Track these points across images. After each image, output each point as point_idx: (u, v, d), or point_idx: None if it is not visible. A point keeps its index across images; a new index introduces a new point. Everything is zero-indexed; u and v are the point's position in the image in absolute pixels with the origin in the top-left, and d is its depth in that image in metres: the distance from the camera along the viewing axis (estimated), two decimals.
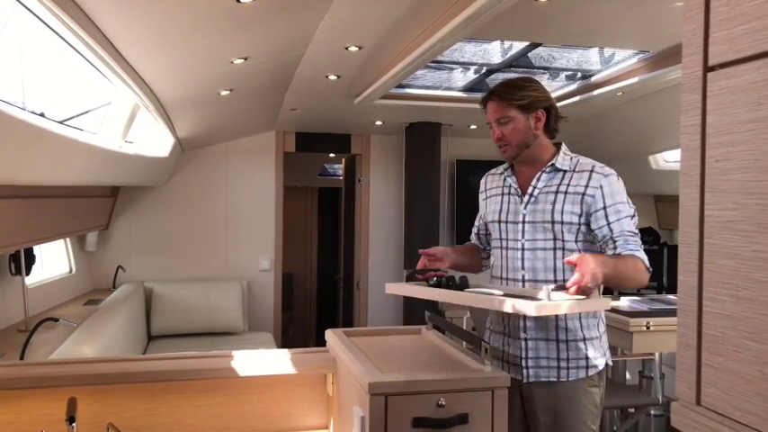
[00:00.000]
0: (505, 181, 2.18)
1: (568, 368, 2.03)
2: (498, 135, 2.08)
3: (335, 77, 3.65)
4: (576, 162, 2.06)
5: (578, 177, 2.02)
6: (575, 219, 2.01)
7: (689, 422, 0.73)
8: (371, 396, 1.59)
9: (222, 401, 2.00)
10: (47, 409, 1.82)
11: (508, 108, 2.05)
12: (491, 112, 2.09)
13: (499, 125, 2.07)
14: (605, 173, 2.02)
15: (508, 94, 2.06)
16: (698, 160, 0.73)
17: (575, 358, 2.03)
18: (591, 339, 2.04)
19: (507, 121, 2.05)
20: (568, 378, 2.02)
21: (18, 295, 3.59)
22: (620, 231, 1.96)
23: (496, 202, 2.19)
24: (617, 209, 1.98)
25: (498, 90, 2.09)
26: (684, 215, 0.75)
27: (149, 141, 4.18)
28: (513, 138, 2.06)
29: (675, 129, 4.05)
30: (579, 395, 2.02)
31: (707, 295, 0.72)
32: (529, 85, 2.09)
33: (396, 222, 5.98)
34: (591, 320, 2.06)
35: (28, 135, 2.18)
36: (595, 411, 2.04)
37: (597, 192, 1.98)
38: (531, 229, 2.06)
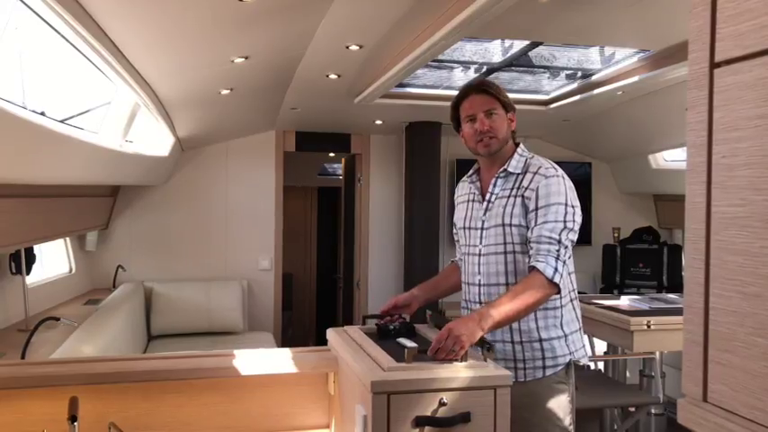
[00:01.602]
0: (473, 186, 2.21)
1: (525, 368, 2.05)
2: (487, 126, 2.07)
3: (336, 77, 3.65)
4: (527, 164, 2.09)
5: (526, 179, 2.06)
6: (522, 221, 2.04)
7: (695, 419, 0.73)
8: (374, 394, 1.59)
9: (224, 401, 2.00)
10: (48, 408, 1.81)
11: (496, 102, 2.08)
12: (479, 104, 2.09)
13: (487, 116, 2.07)
14: (547, 174, 2.02)
15: (493, 89, 2.11)
16: (704, 157, 0.73)
17: (531, 359, 2.05)
18: (549, 339, 2.05)
19: (495, 113, 2.07)
20: (525, 378, 2.05)
21: (18, 295, 3.59)
22: (538, 236, 1.95)
23: (463, 209, 2.23)
24: (546, 211, 1.97)
25: (485, 84, 2.13)
26: (691, 212, 0.75)
27: (149, 141, 4.17)
28: (499, 130, 2.08)
29: (675, 128, 4.08)
30: (541, 394, 2.04)
31: (714, 292, 0.72)
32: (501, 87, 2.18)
33: (395, 222, 5.98)
34: (549, 320, 2.05)
35: (28, 134, 2.17)
36: (562, 408, 2.05)
37: (533, 194, 2.01)
38: (487, 234, 2.10)
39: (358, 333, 2.08)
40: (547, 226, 1.95)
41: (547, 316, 2.06)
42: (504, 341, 2.07)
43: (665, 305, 3.37)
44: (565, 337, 2.08)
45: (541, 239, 1.94)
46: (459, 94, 2.19)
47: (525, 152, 2.14)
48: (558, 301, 2.05)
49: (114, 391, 1.91)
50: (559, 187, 1.99)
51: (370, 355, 1.81)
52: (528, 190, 2.03)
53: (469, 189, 2.22)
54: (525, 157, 2.12)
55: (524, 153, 2.13)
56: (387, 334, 2.04)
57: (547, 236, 1.93)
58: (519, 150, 2.14)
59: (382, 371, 1.66)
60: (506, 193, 2.09)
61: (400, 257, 5.83)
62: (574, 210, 1.98)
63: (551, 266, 1.90)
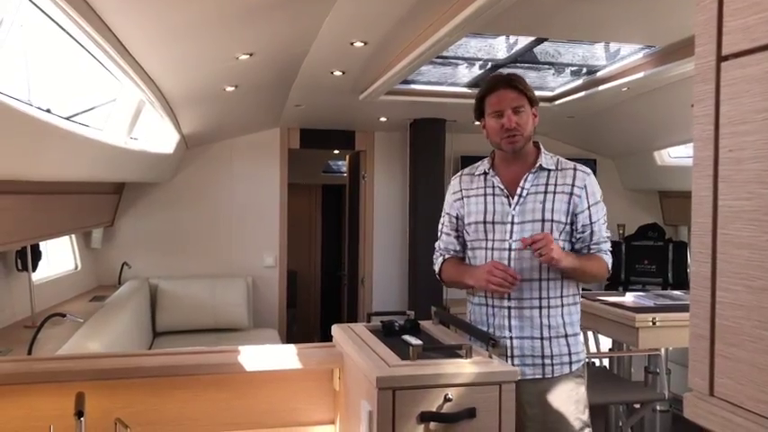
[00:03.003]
0: (488, 181, 2.16)
1: (553, 365, 2.06)
2: (514, 123, 2.04)
3: (340, 73, 3.65)
4: (557, 161, 2.12)
5: (563, 176, 2.08)
6: (563, 218, 2.06)
7: (702, 413, 0.73)
8: (379, 390, 1.59)
9: (229, 396, 2.00)
10: (55, 403, 1.82)
11: (524, 98, 2.06)
12: (507, 100, 2.05)
13: (515, 113, 2.05)
14: (587, 171, 2.10)
15: (522, 84, 2.07)
16: (711, 150, 0.73)
17: (558, 354, 2.07)
18: (574, 335, 2.10)
19: (522, 110, 2.05)
20: (553, 374, 2.06)
21: (24, 291, 3.60)
22: (598, 238, 2.09)
23: (480, 203, 2.16)
24: (597, 209, 2.08)
25: (514, 79, 2.09)
26: (697, 206, 0.75)
27: (154, 138, 4.18)
28: (525, 128, 2.06)
29: (681, 124, 4.06)
30: (566, 389, 2.06)
31: (720, 285, 0.71)
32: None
33: (400, 219, 5.97)
34: (573, 317, 2.12)
35: (34, 131, 2.18)
36: (583, 403, 2.08)
37: (583, 191, 2.06)
38: (520, 229, 2.07)
39: (363, 330, 2.09)
40: (602, 226, 2.11)
41: (571, 312, 2.11)
42: (532, 337, 2.07)
43: (671, 302, 3.36)
44: (580, 334, 2.15)
45: (601, 240, 2.10)
46: (487, 85, 2.14)
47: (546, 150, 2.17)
48: (577, 298, 2.15)
49: (120, 387, 1.91)
50: (597, 184, 2.12)
51: (376, 351, 1.81)
52: (576, 188, 2.06)
53: (484, 183, 2.17)
54: (550, 154, 2.14)
55: (547, 151, 2.15)
56: (392, 331, 2.04)
57: (605, 236, 2.12)
58: (543, 149, 2.15)
59: (388, 367, 1.66)
60: (541, 188, 2.08)
61: (405, 254, 5.83)
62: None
63: (611, 263, 2.12)
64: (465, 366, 1.70)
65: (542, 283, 2.07)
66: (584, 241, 2.10)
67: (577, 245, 2.11)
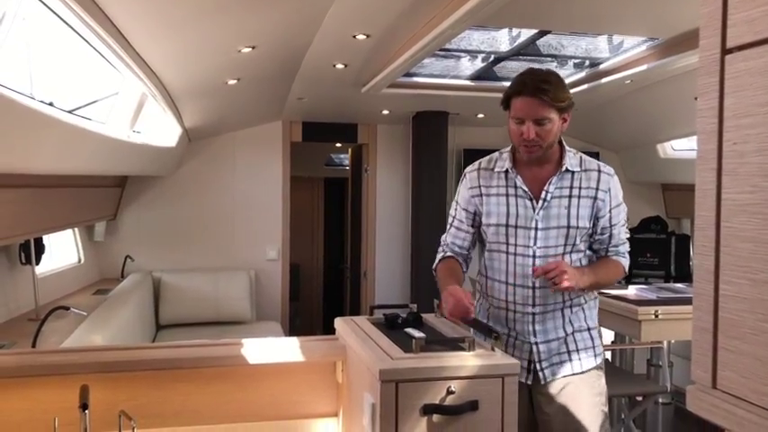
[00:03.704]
0: (509, 180, 2.05)
1: (580, 359, 2.05)
2: (533, 135, 1.90)
3: (343, 66, 3.64)
4: (580, 160, 2.03)
5: (587, 178, 2.00)
6: (587, 223, 2.00)
7: (704, 405, 0.73)
8: (382, 383, 1.59)
9: (233, 389, 2.01)
10: (59, 396, 1.83)
11: (550, 109, 1.88)
12: (530, 112, 1.89)
13: (536, 125, 1.90)
14: (610, 173, 2.04)
15: (551, 95, 1.87)
16: (715, 143, 0.73)
17: (584, 348, 2.06)
18: (595, 328, 2.10)
19: (546, 122, 1.90)
20: (582, 369, 2.05)
21: (28, 284, 3.61)
22: (617, 241, 2.06)
23: (502, 204, 2.04)
24: (618, 211, 2.04)
25: (542, 89, 1.88)
26: (701, 199, 0.75)
27: (157, 131, 4.18)
28: (546, 139, 1.92)
29: (684, 117, 4.05)
30: (590, 382, 2.06)
31: (723, 279, 0.71)
32: (564, 84, 1.97)
33: (403, 212, 5.97)
34: (593, 311, 2.12)
35: (37, 123, 2.18)
36: (605, 394, 2.08)
37: (606, 195, 2.00)
38: (544, 235, 1.99)
39: (366, 323, 2.09)
40: (622, 228, 2.07)
41: (591, 307, 2.11)
42: (558, 338, 2.04)
43: (673, 294, 3.36)
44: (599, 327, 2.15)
45: (620, 242, 2.07)
46: (514, 86, 1.94)
47: (567, 145, 2.05)
48: (596, 294, 2.16)
49: (125, 380, 1.92)
50: (619, 184, 2.07)
51: (379, 344, 1.81)
52: (600, 191, 1.99)
53: (505, 182, 2.05)
54: (573, 152, 2.03)
55: (571, 148, 2.04)
56: (395, 324, 2.04)
57: (624, 238, 2.08)
58: (565, 145, 2.03)
59: (391, 359, 1.66)
60: (566, 192, 1.99)
61: (407, 247, 5.84)
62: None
63: (628, 263, 2.10)
64: (468, 359, 1.70)
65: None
66: (603, 243, 2.06)
67: (595, 245, 2.08)
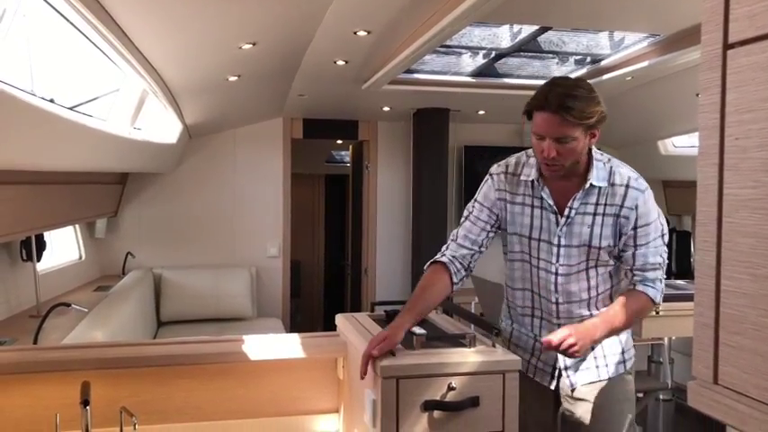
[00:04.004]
0: (535, 190, 1.93)
1: (607, 365, 1.96)
2: (553, 154, 1.76)
3: (343, 63, 3.64)
4: (609, 171, 1.85)
5: (613, 194, 1.84)
6: (611, 242, 1.87)
7: (706, 401, 0.73)
8: (383, 379, 1.60)
9: (234, 385, 2.01)
10: (61, 392, 1.83)
11: (575, 128, 1.72)
12: (549, 127, 1.74)
13: (557, 143, 1.75)
14: (641, 187, 1.84)
15: (580, 111, 1.71)
16: (717, 139, 0.73)
17: (611, 354, 1.96)
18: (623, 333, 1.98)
19: (569, 140, 1.74)
20: (609, 375, 1.96)
21: (29, 281, 3.62)
22: (643, 264, 1.85)
23: (526, 215, 1.93)
24: (646, 231, 1.83)
25: (568, 106, 1.70)
26: (702, 194, 0.74)
27: (158, 128, 4.18)
28: (568, 158, 1.78)
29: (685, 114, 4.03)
30: (618, 388, 1.97)
31: (725, 274, 0.71)
32: (594, 96, 1.77)
33: (403, 208, 5.98)
34: None
35: (38, 120, 2.18)
36: (631, 399, 1.99)
37: (632, 213, 1.83)
38: (566, 252, 1.89)
39: (367, 319, 2.09)
40: (652, 249, 1.84)
41: None
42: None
43: (674, 291, 3.35)
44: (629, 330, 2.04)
45: (647, 266, 1.85)
46: (536, 99, 1.77)
47: (599, 154, 1.87)
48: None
49: (126, 376, 1.93)
50: (653, 200, 1.84)
51: None
52: (624, 208, 1.82)
53: (531, 192, 1.93)
54: (603, 164, 1.86)
55: (599, 156, 1.87)
56: None
57: (653, 262, 1.85)
58: (594, 154, 1.85)
59: (391, 356, 1.66)
60: (590, 209, 1.85)
61: (408, 244, 5.84)
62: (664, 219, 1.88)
63: (660, 291, 1.87)
64: (468, 355, 1.70)
65: (591, 300, 1.94)
66: (627, 263, 1.88)
67: (623, 266, 1.92)
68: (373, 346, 1.66)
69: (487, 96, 4.67)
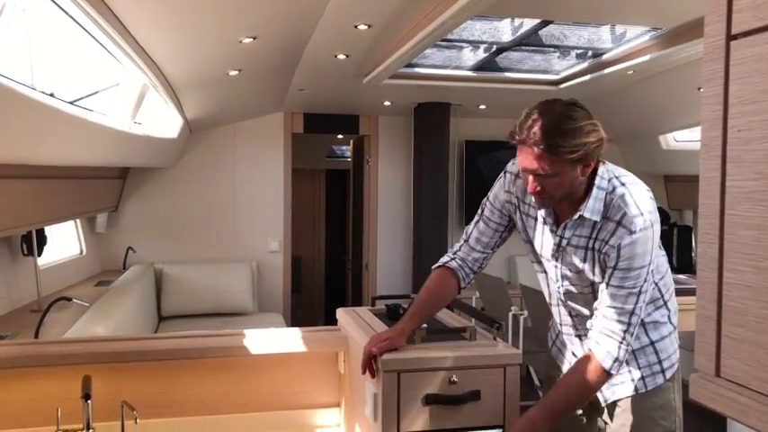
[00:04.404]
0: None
1: (643, 378, 1.78)
2: (538, 189, 1.63)
3: (344, 57, 3.63)
4: (608, 204, 1.64)
5: (605, 228, 1.65)
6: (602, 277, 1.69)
7: (708, 393, 0.73)
8: (384, 373, 1.60)
9: (235, 380, 2.01)
10: (62, 386, 1.84)
11: (557, 164, 1.57)
12: (528, 162, 1.60)
13: (541, 177, 1.61)
14: (634, 228, 1.59)
15: (561, 147, 1.55)
16: (719, 131, 0.72)
17: (646, 365, 1.78)
18: (661, 339, 1.80)
19: (553, 176, 1.59)
20: (646, 388, 1.78)
21: (30, 276, 3.62)
22: (606, 308, 1.64)
23: (533, 227, 1.83)
24: (625, 275, 1.61)
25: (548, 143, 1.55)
26: (705, 186, 0.74)
27: (158, 123, 4.18)
28: (556, 191, 1.63)
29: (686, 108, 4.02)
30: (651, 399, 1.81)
31: (727, 266, 0.71)
32: (584, 125, 1.57)
33: (404, 203, 5.97)
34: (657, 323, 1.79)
35: (38, 114, 2.18)
36: (668, 408, 1.81)
37: (614, 251, 1.62)
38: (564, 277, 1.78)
39: (368, 314, 2.09)
40: (621, 296, 1.62)
41: (655, 319, 1.79)
42: None
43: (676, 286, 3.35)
44: (675, 329, 1.84)
45: (608, 313, 1.63)
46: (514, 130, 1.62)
47: (606, 181, 1.66)
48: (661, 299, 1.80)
49: (127, 371, 1.93)
50: (646, 245, 1.60)
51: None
52: (608, 245, 1.63)
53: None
54: (606, 194, 1.65)
55: (604, 184, 1.65)
56: (396, 314, 2.04)
57: (618, 309, 1.62)
58: (598, 182, 1.65)
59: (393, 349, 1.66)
60: (582, 242, 1.70)
61: (409, 239, 5.84)
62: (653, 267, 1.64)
63: (611, 356, 1.62)
64: (469, 349, 1.70)
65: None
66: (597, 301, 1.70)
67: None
68: (374, 344, 1.67)
69: (488, 90, 4.66)
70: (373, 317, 2.04)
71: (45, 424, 1.79)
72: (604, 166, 1.67)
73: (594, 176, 1.65)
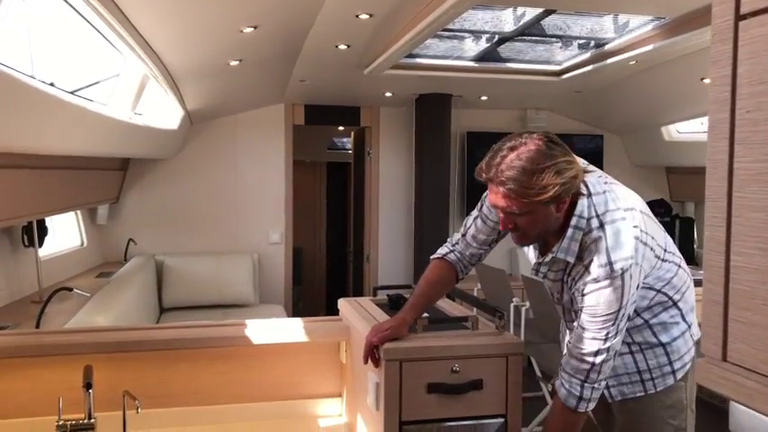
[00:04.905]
0: None
1: (653, 378, 1.75)
2: (510, 227, 1.60)
3: (345, 47, 3.61)
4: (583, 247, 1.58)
5: (576, 269, 1.61)
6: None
7: (714, 378, 0.72)
8: (386, 362, 1.59)
9: (236, 369, 2.01)
10: (63, 376, 1.84)
11: (525, 205, 1.52)
12: (498, 201, 1.56)
13: (511, 215, 1.57)
14: (598, 278, 1.54)
15: (527, 188, 1.49)
16: (727, 112, 0.71)
17: (656, 366, 1.74)
18: (673, 341, 1.74)
19: (524, 215, 1.55)
20: (656, 389, 1.75)
21: (31, 267, 3.62)
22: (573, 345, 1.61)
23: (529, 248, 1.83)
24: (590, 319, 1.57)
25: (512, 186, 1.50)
26: (712, 169, 0.73)
27: (158, 114, 4.16)
28: (530, 229, 1.60)
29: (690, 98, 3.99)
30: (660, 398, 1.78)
31: (735, 249, 0.70)
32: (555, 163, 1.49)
33: (405, 195, 5.96)
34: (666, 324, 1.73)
35: (38, 103, 2.17)
36: (678, 406, 1.77)
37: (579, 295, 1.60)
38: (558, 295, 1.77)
39: (369, 303, 2.08)
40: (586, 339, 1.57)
41: (663, 320, 1.73)
42: (621, 354, 1.72)
43: None
44: (689, 327, 1.76)
45: (574, 352, 1.60)
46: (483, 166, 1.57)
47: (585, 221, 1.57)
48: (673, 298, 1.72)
49: (128, 360, 1.93)
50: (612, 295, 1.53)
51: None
52: (576, 288, 1.61)
53: None
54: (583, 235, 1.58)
55: (582, 224, 1.57)
56: (398, 304, 2.03)
57: (583, 351, 1.58)
58: (575, 222, 1.58)
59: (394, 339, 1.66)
60: (558, 276, 1.70)
61: (410, 230, 5.83)
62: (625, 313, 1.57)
63: (574, 396, 1.60)
64: (472, 338, 1.70)
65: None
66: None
67: None
68: (375, 333, 1.67)
69: (490, 81, 4.64)
70: (375, 306, 2.03)
71: (46, 413, 1.79)
72: (585, 197, 1.58)
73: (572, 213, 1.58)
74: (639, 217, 1.61)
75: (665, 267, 1.70)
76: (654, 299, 1.70)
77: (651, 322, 1.73)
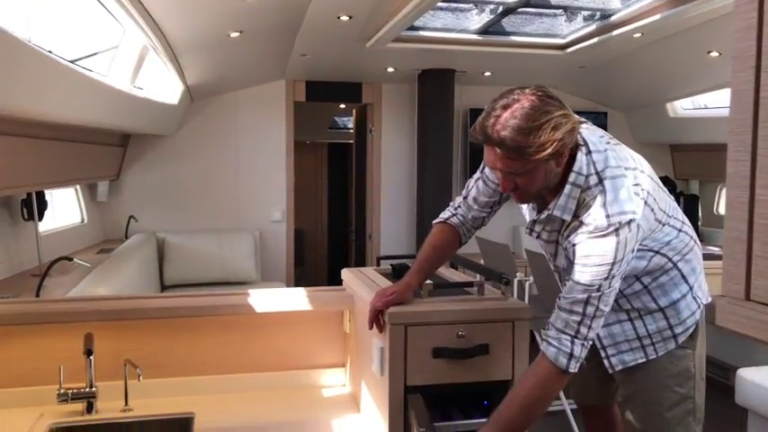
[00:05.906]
0: None
1: (654, 343, 1.73)
2: (511, 186, 1.55)
3: (347, 18, 3.56)
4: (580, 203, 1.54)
5: (571, 228, 1.57)
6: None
7: (736, 318, 0.69)
8: (391, 326, 1.57)
9: (239, 339, 1.99)
10: (65, 344, 1.82)
11: (524, 164, 1.47)
12: (496, 161, 1.51)
13: (510, 175, 1.52)
14: (595, 232, 1.48)
15: (524, 147, 1.44)
16: (753, 40, 0.67)
17: (656, 331, 1.72)
18: (673, 304, 1.71)
19: (523, 173, 1.50)
20: (658, 354, 1.74)
21: (31, 241, 3.60)
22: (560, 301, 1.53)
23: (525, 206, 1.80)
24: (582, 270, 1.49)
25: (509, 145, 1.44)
26: (736, 101, 0.70)
27: (158, 88, 4.12)
28: (530, 187, 1.55)
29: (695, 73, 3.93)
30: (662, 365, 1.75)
31: (759, 183, 0.67)
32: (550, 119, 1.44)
33: (408, 173, 5.93)
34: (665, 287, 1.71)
35: (38, 66, 2.13)
36: (685, 375, 1.75)
37: (571, 248, 1.54)
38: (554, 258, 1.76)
39: (373, 273, 2.06)
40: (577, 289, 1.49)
41: (661, 283, 1.71)
42: (619, 321, 1.74)
43: None
44: (690, 289, 1.73)
45: (563, 304, 1.52)
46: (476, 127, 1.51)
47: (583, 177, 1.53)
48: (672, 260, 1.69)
49: (130, 329, 1.91)
50: (605, 247, 1.47)
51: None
52: (568, 242, 1.57)
53: None
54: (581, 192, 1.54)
55: (580, 180, 1.53)
56: (402, 273, 2.00)
57: (571, 302, 1.50)
58: (573, 178, 1.53)
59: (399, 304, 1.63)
60: (552, 237, 1.68)
61: (413, 209, 5.80)
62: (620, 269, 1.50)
63: (564, 353, 1.50)
64: (477, 303, 1.67)
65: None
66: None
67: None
68: (379, 299, 1.64)
69: (494, 55, 4.58)
70: (379, 275, 2.00)
71: (47, 383, 1.78)
72: (584, 155, 1.54)
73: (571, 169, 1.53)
74: (643, 177, 1.58)
75: (665, 231, 1.67)
76: (652, 260, 1.67)
77: (651, 287, 1.70)
